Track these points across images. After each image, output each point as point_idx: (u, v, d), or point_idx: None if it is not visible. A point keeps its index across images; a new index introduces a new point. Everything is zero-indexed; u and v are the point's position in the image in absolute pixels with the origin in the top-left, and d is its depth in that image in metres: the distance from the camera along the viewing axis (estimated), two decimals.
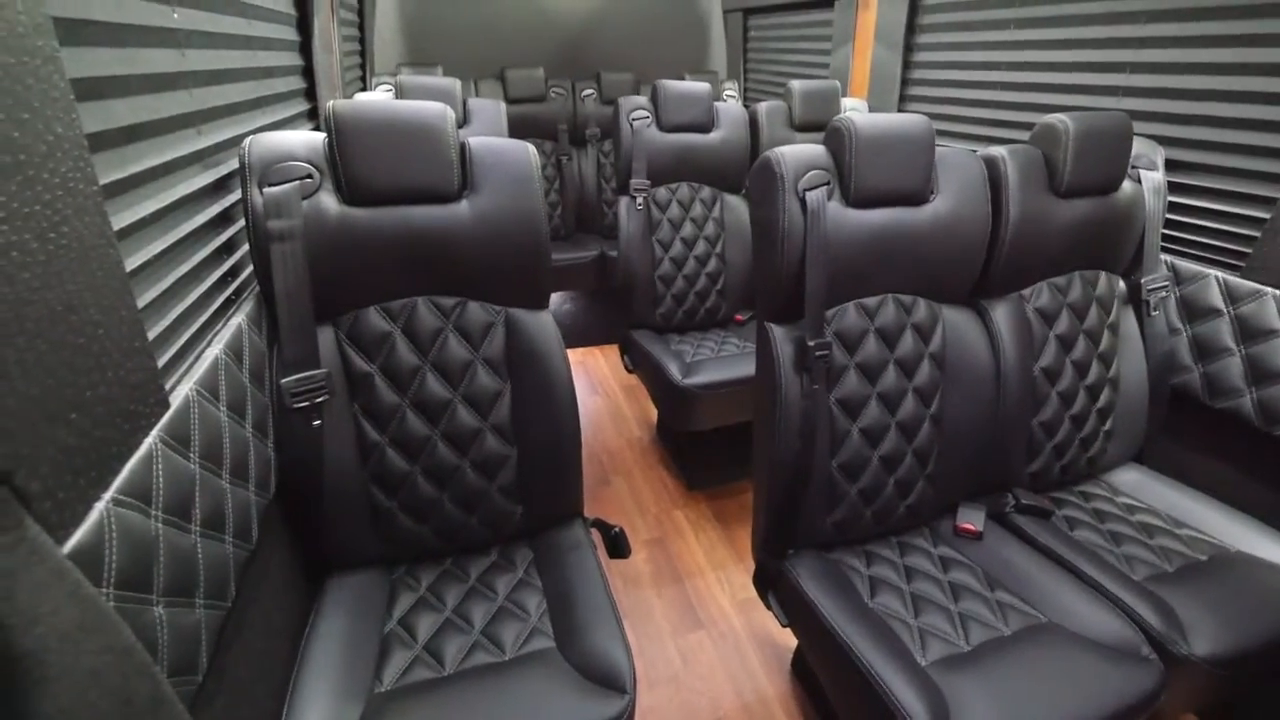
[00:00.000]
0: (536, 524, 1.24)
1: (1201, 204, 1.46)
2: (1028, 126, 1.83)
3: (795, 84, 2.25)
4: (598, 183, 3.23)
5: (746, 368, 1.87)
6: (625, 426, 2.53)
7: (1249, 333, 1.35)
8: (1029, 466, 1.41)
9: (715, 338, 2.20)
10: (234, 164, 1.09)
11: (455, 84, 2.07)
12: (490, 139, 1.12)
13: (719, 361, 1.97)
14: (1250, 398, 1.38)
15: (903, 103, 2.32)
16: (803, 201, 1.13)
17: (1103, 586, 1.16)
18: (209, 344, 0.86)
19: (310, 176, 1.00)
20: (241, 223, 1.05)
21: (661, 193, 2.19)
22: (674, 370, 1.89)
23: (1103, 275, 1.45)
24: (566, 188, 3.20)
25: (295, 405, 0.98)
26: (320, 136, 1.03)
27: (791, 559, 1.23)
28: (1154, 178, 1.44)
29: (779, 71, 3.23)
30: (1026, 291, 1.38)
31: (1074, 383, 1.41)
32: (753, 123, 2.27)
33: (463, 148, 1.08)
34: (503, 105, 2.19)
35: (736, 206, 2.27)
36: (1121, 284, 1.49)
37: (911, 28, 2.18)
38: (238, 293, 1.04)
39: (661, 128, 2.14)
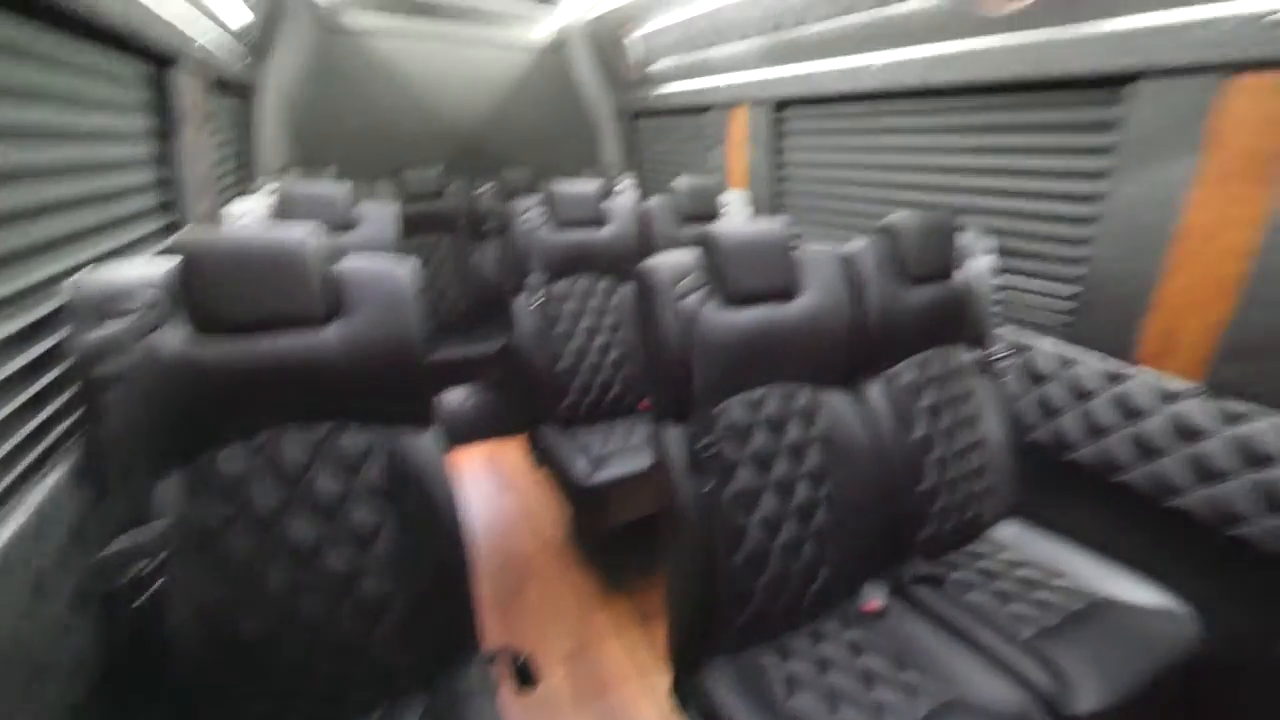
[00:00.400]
0: (429, 669, 1.13)
1: (1032, 279, 1.68)
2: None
3: (681, 181, 2.43)
4: (500, 274, 3.25)
5: None
6: (539, 525, 2.43)
7: (1079, 391, 1.54)
8: (920, 534, 1.48)
9: (625, 425, 2.20)
10: (60, 302, 0.99)
11: (342, 190, 2.04)
12: (364, 260, 1.10)
13: (630, 452, 1.96)
14: (1089, 449, 1.54)
15: (776, 197, 2.56)
16: (681, 307, 1.18)
17: (997, 653, 1.20)
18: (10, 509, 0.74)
19: (154, 307, 0.92)
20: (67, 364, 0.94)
21: (559, 286, 2.23)
22: (581, 467, 1.85)
23: (957, 348, 1.62)
24: (468, 280, 3.19)
25: (118, 578, 0.85)
26: (170, 262, 0.96)
27: (706, 669, 1.19)
28: (984, 262, 1.65)
29: (670, 164, 3.48)
30: (894, 370, 1.51)
31: (946, 449, 1.53)
32: (644, 216, 2.40)
33: (331, 271, 1.05)
34: (394, 207, 2.19)
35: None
36: (973, 354, 1.66)
37: (777, 132, 2.45)
38: (57, 444, 0.92)
39: (556, 225, 2.21)
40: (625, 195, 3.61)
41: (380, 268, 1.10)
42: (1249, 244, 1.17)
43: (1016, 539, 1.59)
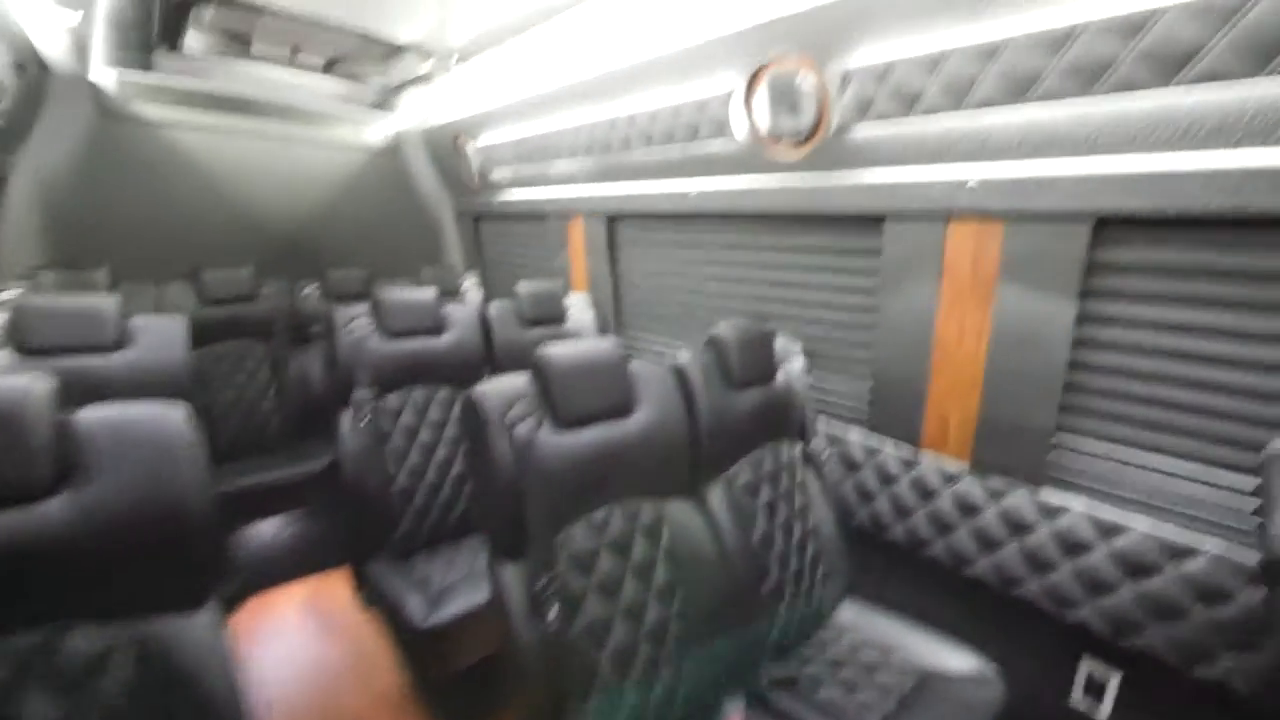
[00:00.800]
0: None
1: (838, 376, 1.90)
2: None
3: (522, 286, 2.44)
4: (325, 384, 2.93)
5: None
6: (369, 675, 2.07)
7: (885, 475, 1.74)
8: (770, 634, 1.50)
9: (470, 549, 2.01)
10: None
11: (107, 302, 1.70)
12: (115, 411, 0.89)
13: (475, 580, 1.78)
14: (900, 528, 1.72)
15: (616, 301, 2.68)
16: (514, 436, 1.13)
17: None
18: None
19: None
20: None
21: (392, 400, 2.06)
22: (416, 607, 1.63)
23: (784, 444, 1.75)
24: (287, 392, 2.83)
25: None
26: None
27: None
28: (796, 363, 1.85)
29: (515, 264, 3.52)
30: (731, 472, 1.57)
31: (786, 544, 1.60)
32: (484, 322, 2.34)
33: (68, 425, 0.83)
34: (179, 320, 1.86)
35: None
36: (798, 448, 1.80)
37: (611, 242, 2.60)
38: None
39: (387, 334, 2.06)
40: (467, 297, 3.57)
41: (138, 416, 0.90)
42: (982, 352, 1.45)
43: (855, 620, 1.69)
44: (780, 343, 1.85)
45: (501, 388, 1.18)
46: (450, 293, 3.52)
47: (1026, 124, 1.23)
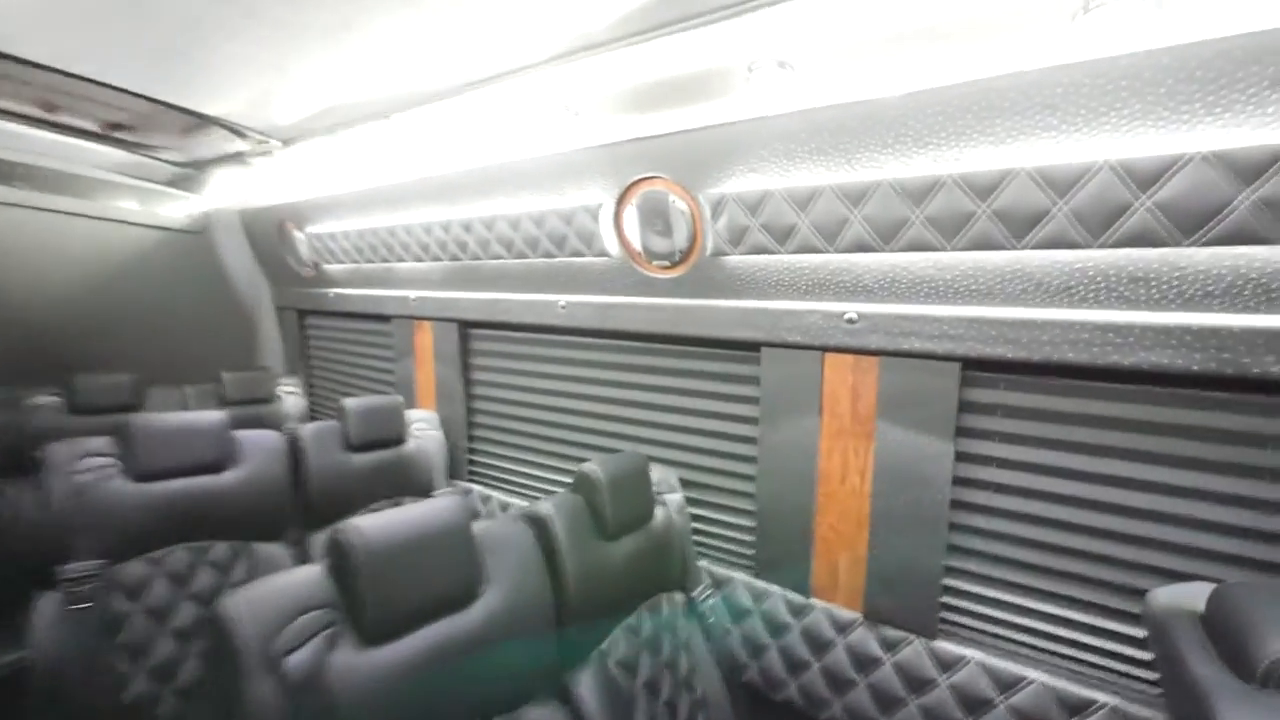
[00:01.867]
0: None
1: (720, 512, 1.72)
2: (586, 454, 1.97)
3: (349, 402, 2.01)
4: (23, 548, 2.12)
5: None
6: None
7: (775, 625, 1.55)
8: None
9: None
10: None
11: None
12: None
13: None
14: (795, 686, 1.52)
15: (470, 420, 2.34)
16: (283, 674, 0.75)
17: None
18: None
19: None
20: None
21: (131, 571, 1.47)
22: None
23: (664, 599, 1.50)
24: None
25: None
26: None
27: None
28: (675, 499, 1.65)
29: (349, 369, 3.01)
30: (606, 645, 1.28)
31: None
32: (295, 450, 1.86)
33: None
34: None
35: (276, 556, 1.71)
36: (680, 600, 1.56)
37: (465, 350, 2.30)
38: None
39: (136, 475, 1.51)
40: (286, 407, 2.97)
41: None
42: (867, 490, 1.38)
43: None
44: (657, 474, 1.65)
45: (269, 593, 0.80)
46: (261, 400, 2.89)
47: (895, 268, 1.24)
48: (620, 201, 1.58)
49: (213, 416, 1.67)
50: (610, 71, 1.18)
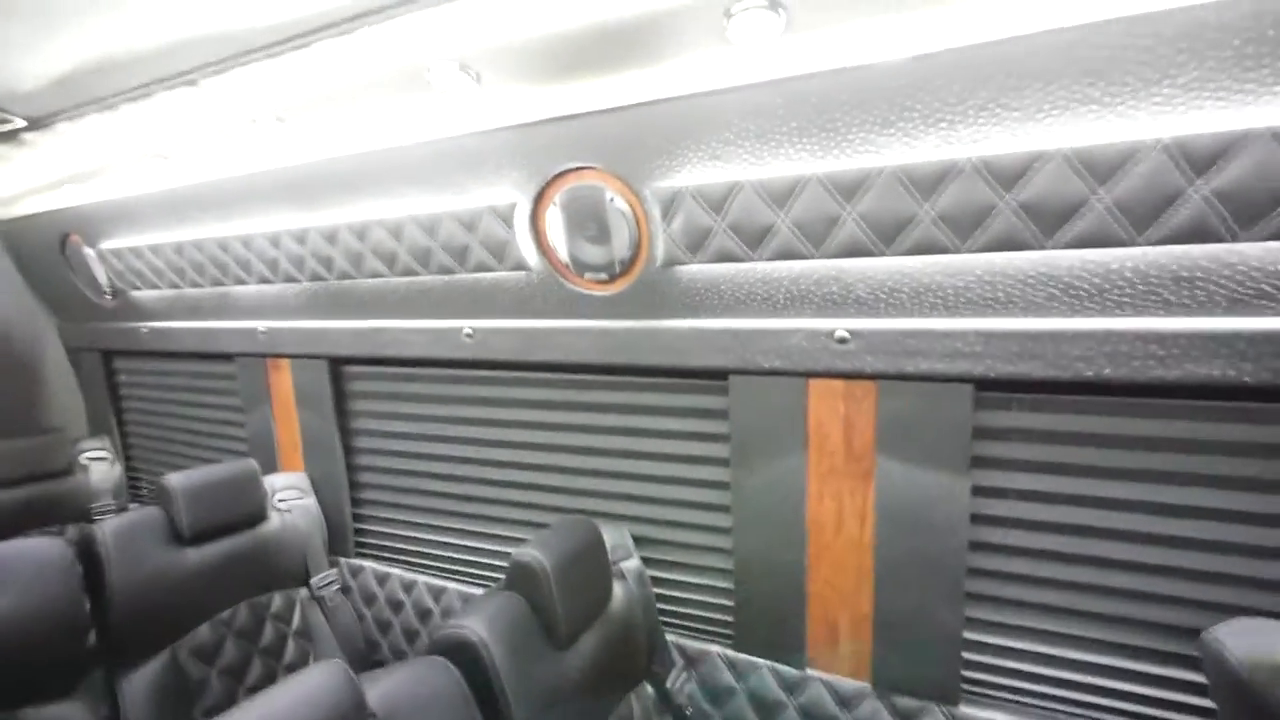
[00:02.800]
0: None
1: (686, 573, 1.43)
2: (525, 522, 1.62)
3: (174, 480, 1.47)
4: None
5: None
6: None
7: (763, 708, 1.30)
8: None
9: None
10: None
11: None
12: None
13: None
14: None
15: (353, 473, 1.86)
16: None
17: None
18: None
19: None
20: None
21: None
22: None
23: (631, 698, 1.20)
24: None
25: None
26: None
27: None
28: (633, 566, 1.35)
29: (177, 426, 2.34)
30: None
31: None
32: (89, 560, 1.31)
33: None
34: None
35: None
36: (649, 691, 1.27)
37: (340, 393, 1.81)
38: None
39: None
40: (93, 478, 2.26)
41: None
42: (868, 537, 1.16)
43: None
44: (609, 537, 1.33)
45: None
46: (52, 474, 2.17)
47: (897, 275, 1.02)
48: (539, 200, 1.24)
49: None
50: (521, 14, 0.84)
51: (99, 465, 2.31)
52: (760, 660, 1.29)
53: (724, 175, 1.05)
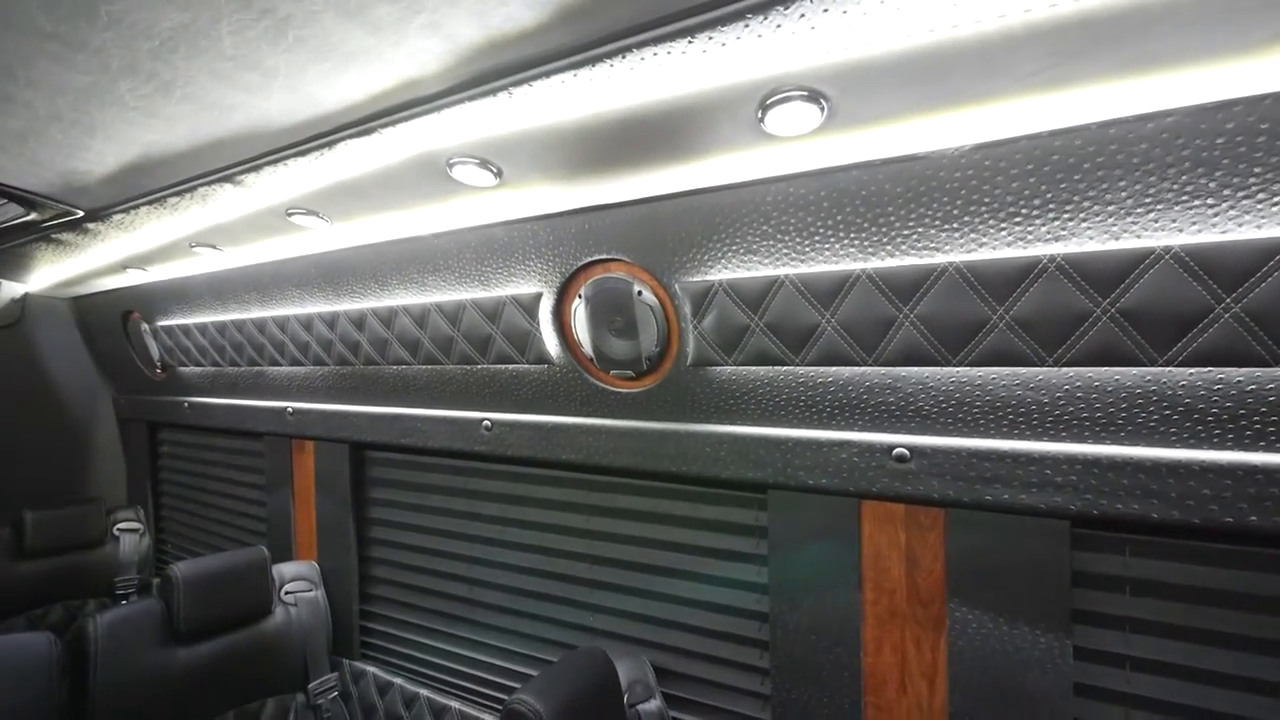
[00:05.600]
0: None
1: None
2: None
3: (180, 569, 1.40)
4: None
5: None
6: None
7: None
8: None
9: None
10: None
11: None
12: None
13: None
14: None
15: (365, 566, 1.75)
16: None
17: None
18: None
19: None
20: None
21: None
22: None
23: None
24: None
25: None
26: None
27: None
28: (654, 709, 1.15)
29: (207, 502, 2.33)
30: None
31: None
32: (77, 659, 1.23)
33: None
34: None
35: None
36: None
37: (359, 481, 1.74)
38: None
39: None
40: (122, 549, 2.24)
41: None
42: (941, 703, 0.94)
43: None
44: (626, 671, 1.16)
45: None
46: (85, 545, 2.16)
47: (967, 387, 0.87)
48: (564, 292, 1.17)
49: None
50: (543, 109, 0.79)
51: (129, 537, 2.30)
52: None
53: (761, 270, 0.95)
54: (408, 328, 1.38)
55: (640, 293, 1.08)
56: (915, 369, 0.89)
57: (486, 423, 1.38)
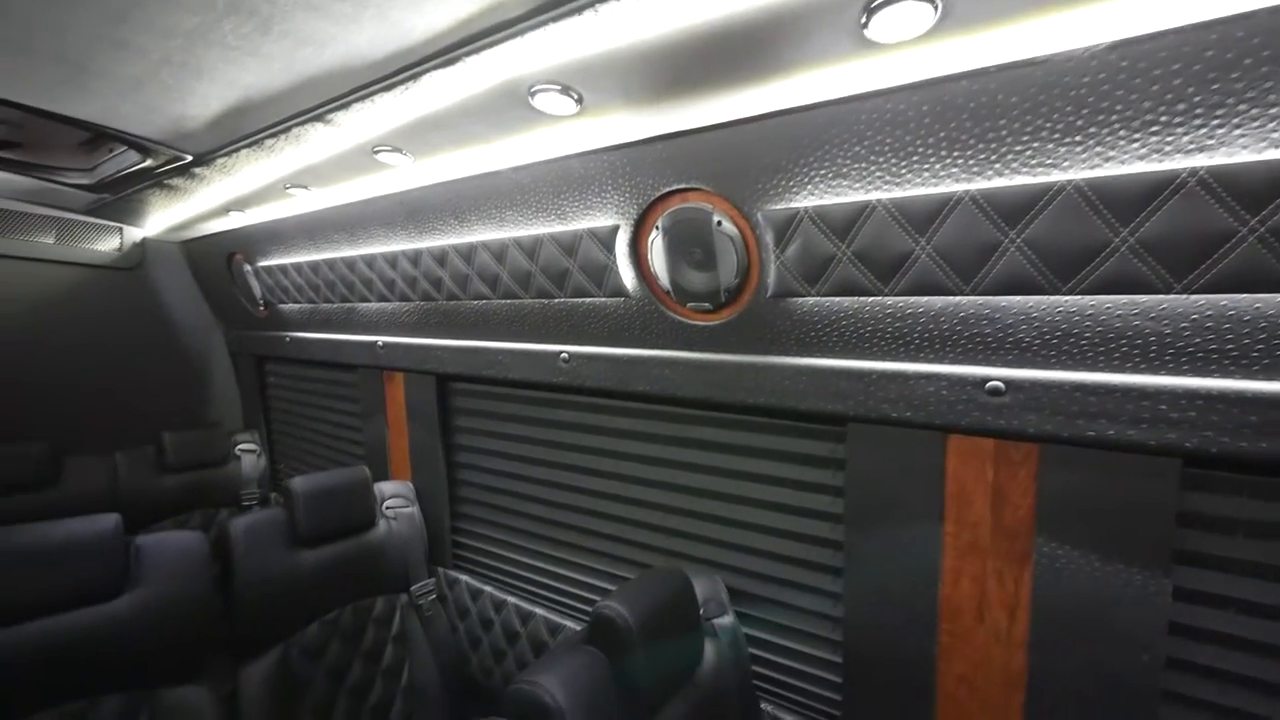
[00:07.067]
0: None
1: (786, 637, 1.28)
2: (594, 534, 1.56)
3: (298, 483, 1.57)
4: None
5: None
6: None
7: None
8: None
9: None
10: None
11: None
12: None
13: None
14: None
15: (454, 487, 1.91)
16: None
17: None
18: None
19: None
20: None
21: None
22: None
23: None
24: None
25: None
26: None
27: None
28: (727, 625, 1.22)
29: (312, 426, 2.57)
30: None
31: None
32: (223, 554, 1.43)
33: None
34: None
35: (191, 704, 1.27)
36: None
37: (445, 410, 1.86)
38: None
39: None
40: (244, 467, 2.53)
41: None
42: (1021, 634, 0.95)
43: None
44: (701, 589, 1.23)
45: None
46: (212, 463, 2.46)
47: (1076, 317, 0.81)
48: (642, 224, 1.16)
49: (96, 525, 1.23)
50: (627, 27, 0.76)
51: (248, 457, 2.59)
52: None
53: (851, 195, 0.91)
54: (487, 263, 1.43)
55: (719, 223, 1.06)
56: (1018, 298, 0.84)
57: (564, 355, 1.43)
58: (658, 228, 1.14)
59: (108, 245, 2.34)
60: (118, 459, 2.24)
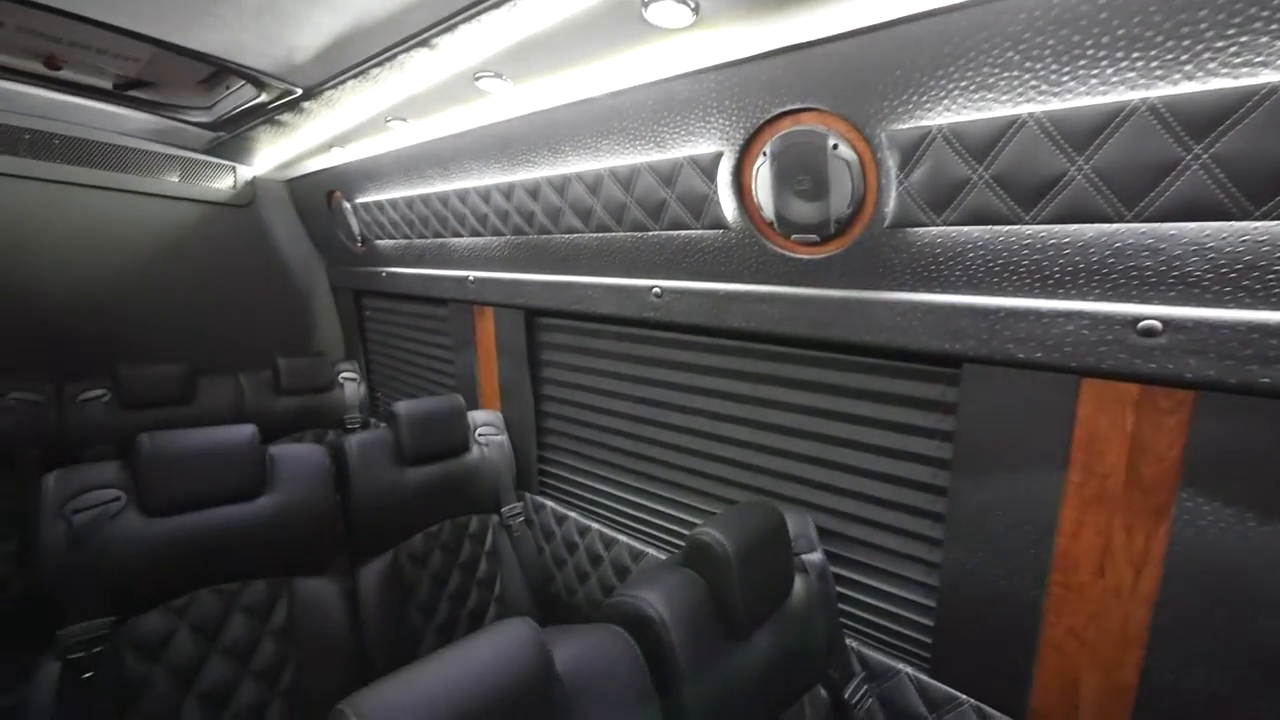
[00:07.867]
0: None
1: (876, 577, 1.28)
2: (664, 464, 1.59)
3: (403, 407, 1.69)
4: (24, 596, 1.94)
5: None
6: None
7: None
8: None
9: None
10: None
11: None
12: None
13: None
14: None
15: (540, 419, 1.98)
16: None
17: None
18: None
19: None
20: None
21: (150, 626, 1.22)
22: None
23: (805, 702, 1.10)
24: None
25: None
26: None
27: None
28: (816, 561, 1.23)
29: (407, 357, 2.74)
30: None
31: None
32: (340, 466, 1.57)
33: None
34: None
35: (323, 592, 1.43)
36: (822, 697, 1.16)
37: (532, 344, 1.92)
38: None
39: (152, 511, 1.25)
40: (346, 394, 2.74)
41: None
42: (1148, 590, 0.89)
43: None
44: (792, 525, 1.23)
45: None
46: (320, 389, 2.68)
47: (1264, 247, 0.71)
48: (747, 149, 1.11)
49: (241, 433, 1.38)
50: None
51: (350, 384, 2.81)
52: (963, 696, 1.10)
53: (998, 110, 0.81)
54: (581, 195, 1.41)
55: (835, 146, 0.99)
56: (1192, 225, 0.74)
57: (656, 290, 1.42)
58: (765, 153, 1.08)
59: (223, 184, 2.51)
60: (241, 379, 2.48)
